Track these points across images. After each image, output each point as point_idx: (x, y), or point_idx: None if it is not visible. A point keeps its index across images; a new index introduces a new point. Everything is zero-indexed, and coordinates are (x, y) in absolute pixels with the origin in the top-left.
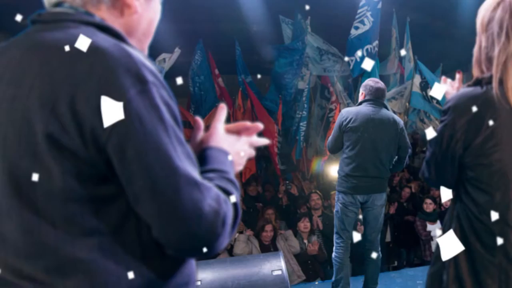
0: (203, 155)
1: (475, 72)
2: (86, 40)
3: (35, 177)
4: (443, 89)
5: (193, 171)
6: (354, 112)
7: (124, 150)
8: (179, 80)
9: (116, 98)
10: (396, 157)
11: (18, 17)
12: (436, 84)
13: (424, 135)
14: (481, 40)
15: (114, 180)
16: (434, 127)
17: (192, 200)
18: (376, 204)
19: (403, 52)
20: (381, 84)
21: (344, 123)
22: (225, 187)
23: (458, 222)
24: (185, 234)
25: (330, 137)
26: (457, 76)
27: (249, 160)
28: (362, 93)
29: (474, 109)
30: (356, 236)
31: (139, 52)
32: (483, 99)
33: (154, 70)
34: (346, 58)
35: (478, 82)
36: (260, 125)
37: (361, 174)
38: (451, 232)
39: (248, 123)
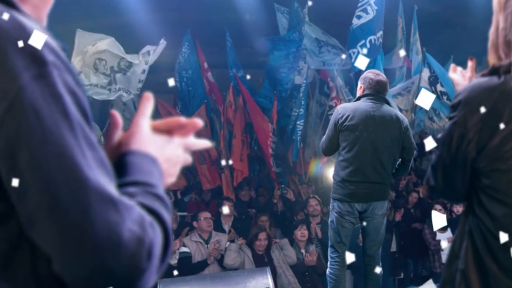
0: (121, 162)
1: (491, 59)
2: (41, 36)
3: None
4: (432, 97)
5: (108, 184)
6: (351, 108)
7: (15, 155)
8: (171, 82)
9: (4, 85)
10: (400, 159)
11: None
12: (423, 91)
13: (433, 134)
14: (498, 20)
15: (2, 195)
16: (444, 126)
17: (106, 223)
18: (377, 214)
19: (402, 53)
20: (382, 77)
21: (340, 121)
22: (152, 205)
23: (470, 239)
24: (96, 269)
25: (324, 136)
26: (469, 63)
27: (241, 162)
28: (361, 87)
29: (490, 103)
30: (350, 257)
31: (36, 23)
32: (500, 91)
33: (55, 47)
34: (343, 56)
35: (494, 71)
36: (199, 122)
37: (359, 179)
38: (430, 283)
39: (182, 119)
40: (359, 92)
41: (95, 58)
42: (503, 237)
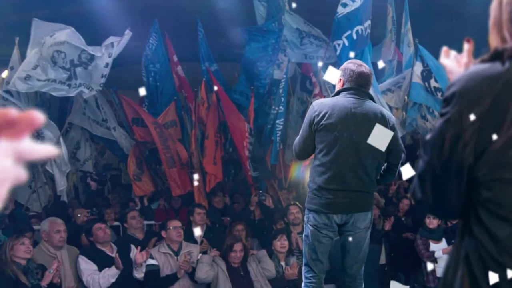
0: None
1: (493, 41)
2: None
3: None
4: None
5: None
6: (329, 104)
7: None
8: (142, 91)
9: None
10: (385, 164)
11: None
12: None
13: (426, 134)
14: None
15: None
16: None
17: None
18: (359, 227)
19: (380, 65)
20: (364, 68)
21: (316, 119)
22: None
23: (466, 266)
24: None
25: (298, 137)
26: (466, 46)
27: (215, 165)
28: (340, 80)
29: (491, 95)
30: None
31: None
32: (504, 81)
33: None
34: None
35: (497, 56)
36: (38, 116)
37: (338, 187)
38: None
39: (11, 111)
40: (338, 86)
41: (53, 50)
42: (493, 277)
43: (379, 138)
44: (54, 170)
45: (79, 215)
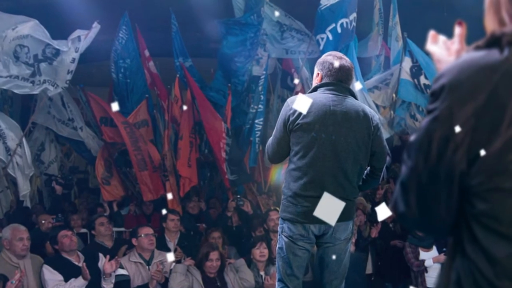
0: None
1: (489, 24)
2: None
3: None
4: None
5: None
6: None
7: None
8: (115, 107)
9: None
10: (368, 168)
11: None
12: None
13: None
14: None
15: None
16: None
17: None
18: (339, 238)
19: (357, 86)
20: (345, 61)
21: (291, 118)
22: None
23: None
24: None
25: (271, 138)
26: (457, 30)
27: (189, 168)
28: (318, 74)
29: (488, 88)
30: None
31: None
32: (503, 72)
33: None
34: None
35: (494, 41)
36: None
37: (316, 193)
38: None
39: None
40: (315, 81)
41: (15, 44)
42: None
43: (328, 209)
44: (16, 173)
45: (43, 221)
